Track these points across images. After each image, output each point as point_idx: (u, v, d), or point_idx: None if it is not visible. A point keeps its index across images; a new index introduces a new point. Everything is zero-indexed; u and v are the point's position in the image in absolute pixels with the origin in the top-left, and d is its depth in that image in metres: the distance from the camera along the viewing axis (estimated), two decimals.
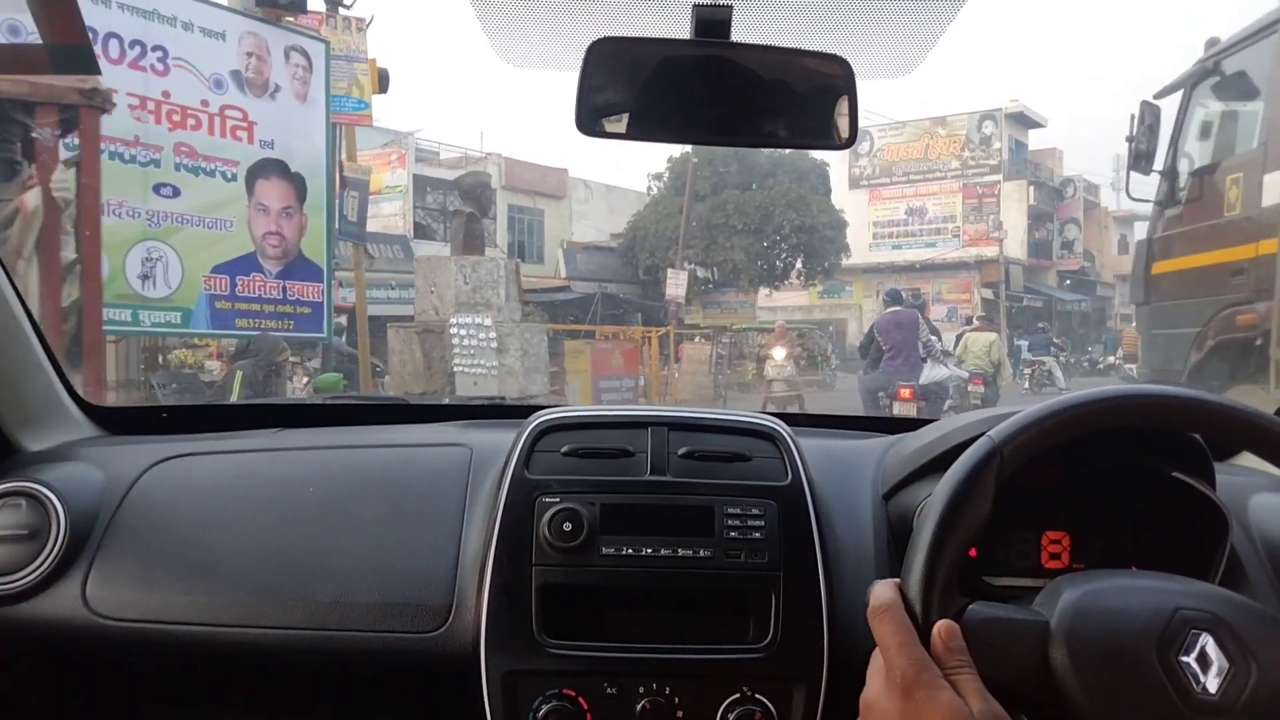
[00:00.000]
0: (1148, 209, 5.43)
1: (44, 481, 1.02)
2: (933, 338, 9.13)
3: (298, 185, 10.33)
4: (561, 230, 25.98)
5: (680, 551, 0.93)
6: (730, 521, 0.94)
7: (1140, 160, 5.27)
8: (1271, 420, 0.67)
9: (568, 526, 0.92)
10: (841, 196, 24.77)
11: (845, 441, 1.15)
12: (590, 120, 0.93)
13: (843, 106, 0.94)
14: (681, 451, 1.00)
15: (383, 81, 11.42)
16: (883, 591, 0.66)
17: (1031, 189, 29.81)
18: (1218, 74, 5.31)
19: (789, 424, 1.07)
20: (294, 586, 0.97)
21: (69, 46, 1.01)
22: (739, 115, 0.97)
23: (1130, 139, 5.22)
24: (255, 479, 1.09)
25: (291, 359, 10.03)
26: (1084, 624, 0.63)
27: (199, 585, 0.97)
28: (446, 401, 2.70)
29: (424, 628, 0.94)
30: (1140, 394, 0.69)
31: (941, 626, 0.63)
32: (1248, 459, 1.08)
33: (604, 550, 0.93)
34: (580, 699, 0.89)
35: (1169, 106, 5.29)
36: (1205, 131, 5.38)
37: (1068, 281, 32.26)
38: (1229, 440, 0.84)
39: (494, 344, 10.05)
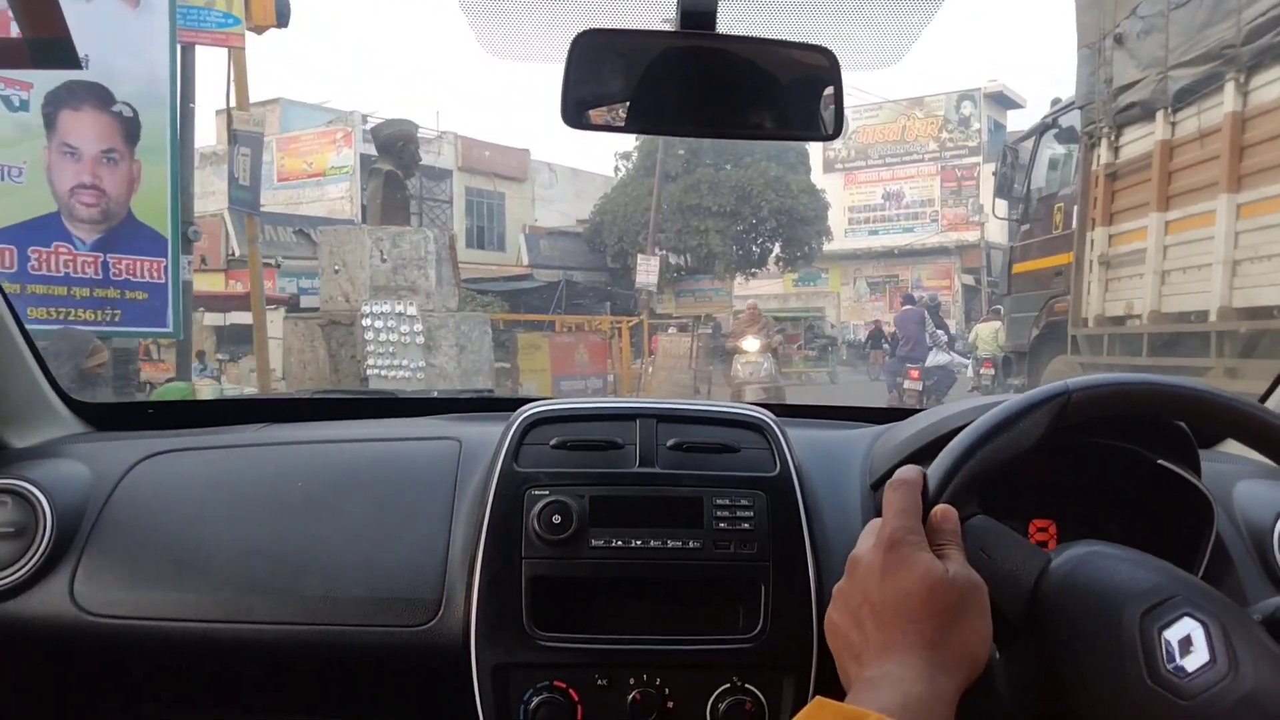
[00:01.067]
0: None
1: (30, 478, 1.01)
2: (939, 331, 10.86)
3: (125, 121, 7.50)
4: (524, 215, 24.51)
5: (670, 543, 0.93)
6: (719, 513, 0.94)
7: (1003, 188, 7.68)
8: (1257, 408, 0.68)
9: (557, 519, 0.92)
10: (816, 180, 23.44)
11: (833, 431, 1.15)
12: (576, 113, 0.93)
13: (829, 98, 0.94)
14: (670, 443, 1.01)
15: (281, 12, 9.05)
16: (907, 470, 0.68)
17: None
18: (1056, 127, 7.57)
19: (777, 415, 1.07)
20: (283, 582, 0.96)
21: (49, 40, 1.00)
22: (725, 107, 0.97)
23: (994, 173, 7.51)
24: (243, 474, 1.09)
25: (102, 361, 5.89)
26: (1084, 572, 0.64)
27: (187, 581, 0.97)
28: (435, 395, 2.52)
29: (414, 621, 0.94)
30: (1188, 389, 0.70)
31: (941, 508, 0.66)
32: (1232, 446, 1.10)
33: (594, 542, 0.93)
34: (571, 691, 0.89)
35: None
36: (1046, 170, 7.60)
37: None
38: (1215, 428, 0.83)
39: (420, 339, 8.21)
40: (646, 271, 20.09)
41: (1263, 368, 4.39)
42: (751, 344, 9.80)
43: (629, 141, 22.18)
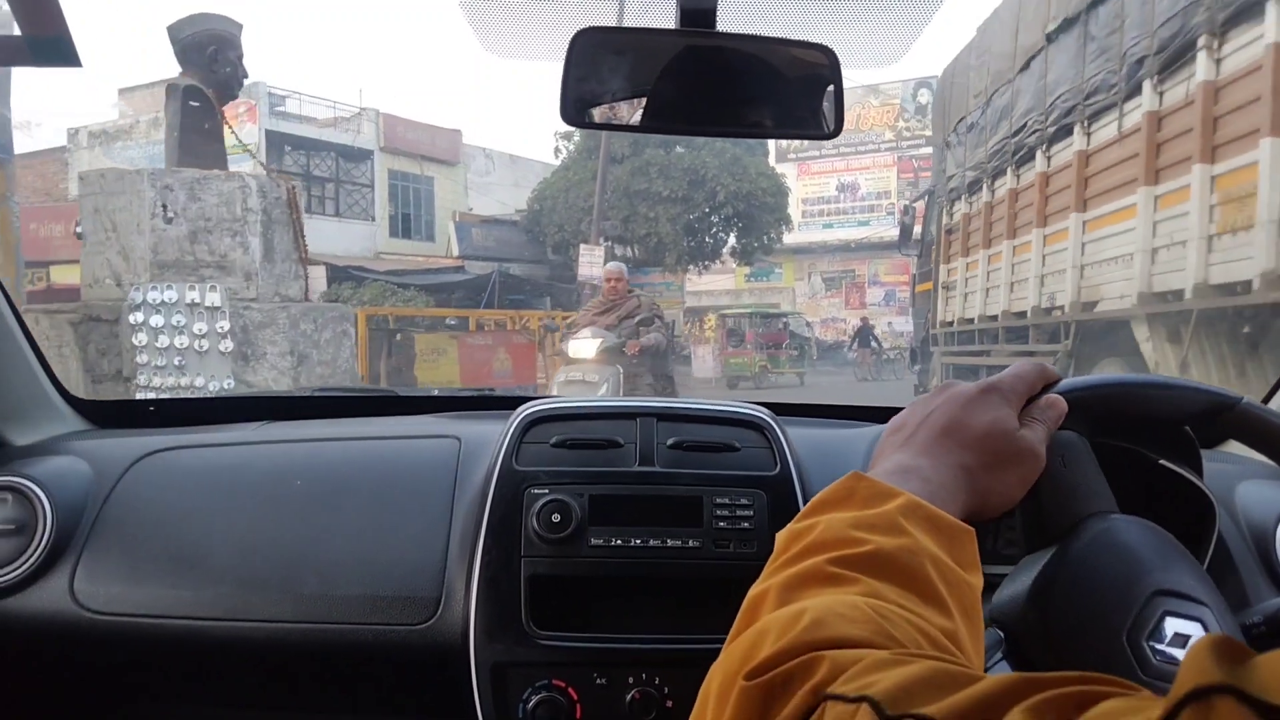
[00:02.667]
0: None
1: (30, 476, 1.02)
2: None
3: None
4: (456, 202, 22.28)
5: (669, 542, 0.93)
6: (719, 512, 0.95)
7: (904, 235, 10.46)
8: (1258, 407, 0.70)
9: (556, 518, 0.92)
10: None
11: (833, 431, 1.16)
12: (575, 111, 0.93)
13: (829, 96, 0.94)
14: (670, 442, 1.01)
15: None
16: (1047, 362, 0.70)
17: None
18: (933, 193, 10.71)
19: (777, 414, 1.08)
20: (282, 579, 0.96)
21: (49, 38, 1.00)
22: (724, 105, 0.96)
23: (898, 224, 11.20)
24: (242, 472, 1.09)
25: None
26: (1138, 533, 0.64)
27: (186, 578, 0.97)
28: (436, 393, 2.48)
29: (413, 620, 0.94)
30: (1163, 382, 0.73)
31: (1053, 397, 0.66)
32: (1234, 446, 1.10)
33: (593, 541, 0.93)
34: (570, 689, 0.90)
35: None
36: (925, 224, 10.43)
37: None
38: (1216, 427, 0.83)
39: (226, 344, 5.42)
40: (590, 263, 18.01)
41: (1022, 352, 7.23)
42: (585, 348, 5.28)
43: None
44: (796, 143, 29.70)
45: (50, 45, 0.98)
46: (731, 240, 20.03)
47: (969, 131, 8.68)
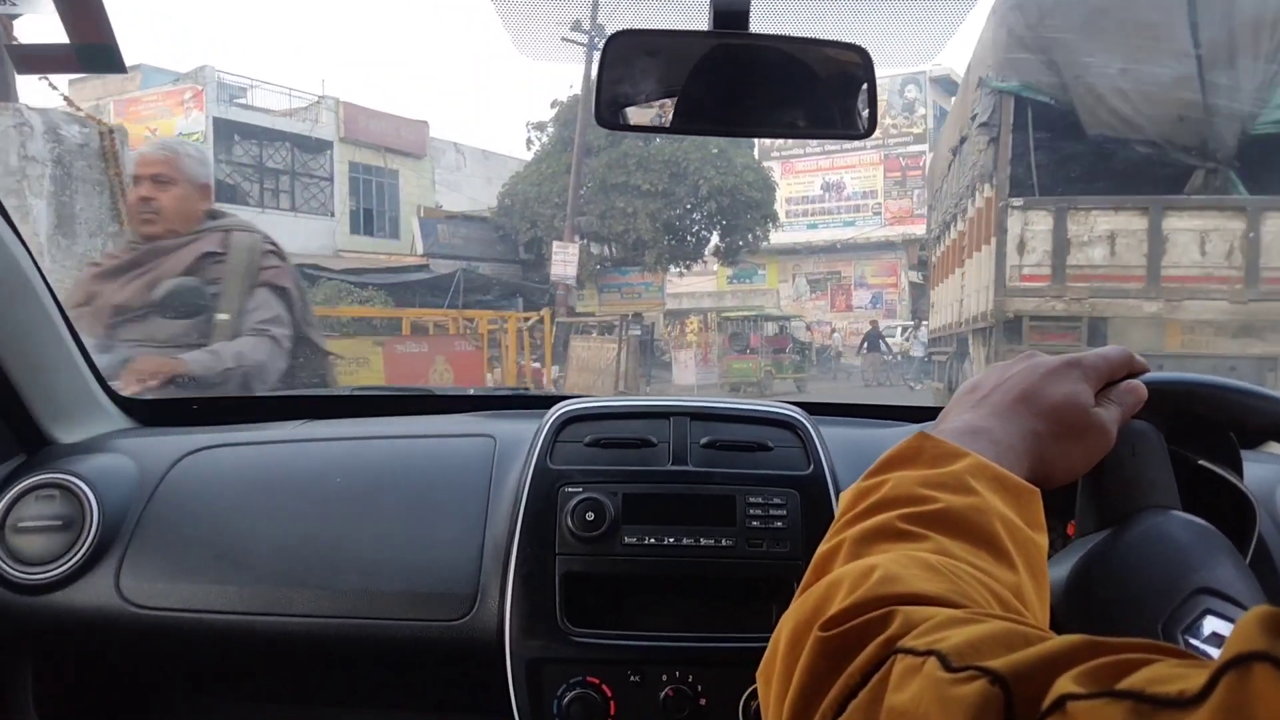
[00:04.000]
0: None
1: (77, 473, 1.04)
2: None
3: None
4: (423, 198, 21.06)
5: (702, 541, 0.93)
6: (752, 511, 0.95)
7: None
8: None
9: (590, 516, 0.92)
10: None
11: (867, 430, 1.15)
12: (610, 113, 0.94)
13: (862, 96, 0.94)
14: (703, 441, 1.01)
15: None
16: (1132, 353, 0.68)
17: None
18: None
19: (810, 413, 1.08)
20: (321, 575, 0.98)
21: (96, 45, 1.02)
22: (758, 106, 0.97)
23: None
24: (283, 470, 1.10)
25: None
26: (1194, 532, 0.64)
27: (229, 574, 0.99)
28: (471, 392, 2.09)
29: (449, 616, 0.95)
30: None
31: (1134, 383, 0.65)
32: (1276, 447, 1.09)
33: (626, 539, 0.93)
34: (604, 686, 0.90)
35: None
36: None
37: None
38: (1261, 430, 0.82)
39: None
40: (564, 261, 16.70)
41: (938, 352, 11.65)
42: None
43: (543, 109, 18.83)
44: (780, 140, 28.75)
45: (97, 53, 1.02)
46: (714, 239, 18.83)
47: (933, 205, 12.73)
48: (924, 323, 15.00)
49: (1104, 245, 6.61)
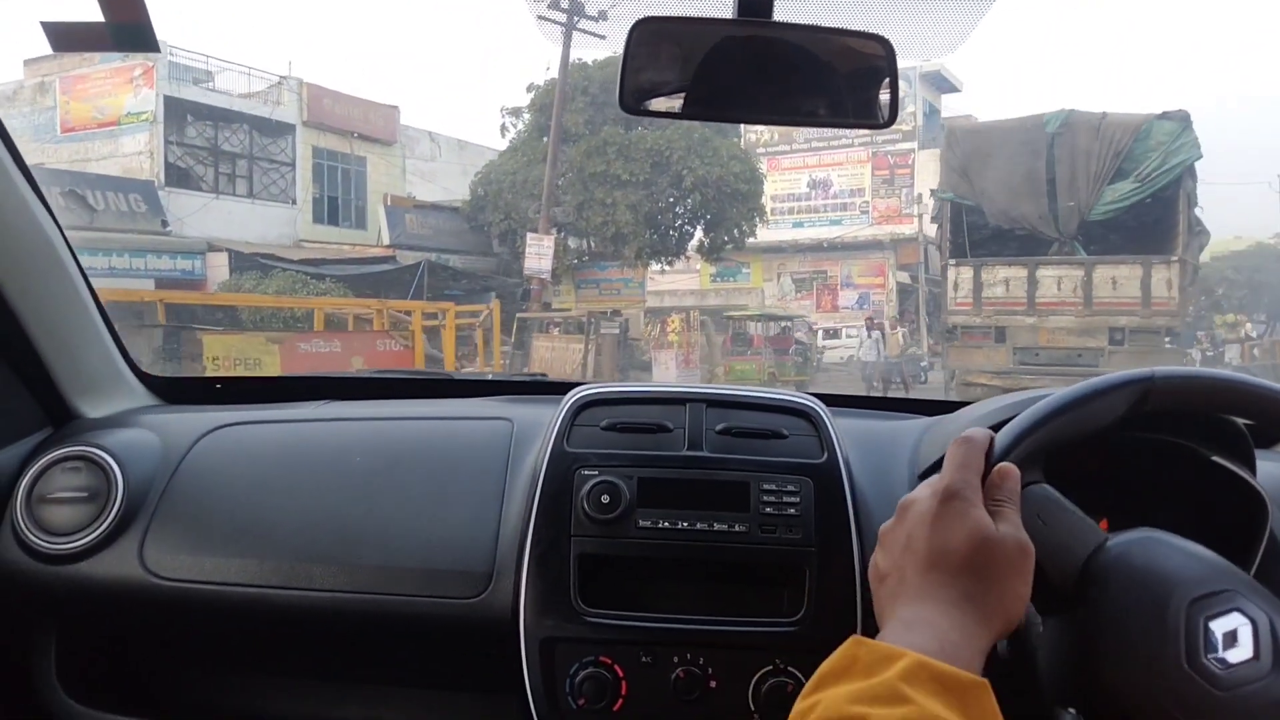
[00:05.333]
0: None
1: (103, 446, 1.06)
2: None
3: None
4: (392, 187, 20.03)
5: (716, 526, 0.94)
6: (766, 497, 0.95)
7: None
8: None
9: (606, 499, 0.93)
10: None
11: (882, 422, 1.15)
12: (634, 100, 0.94)
13: (885, 86, 0.94)
14: (719, 428, 1.01)
15: None
16: (975, 430, 0.68)
17: None
18: None
19: (826, 404, 1.08)
20: (341, 552, 0.99)
21: (130, 24, 1.03)
22: (781, 94, 0.96)
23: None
24: (304, 447, 1.12)
25: None
26: (1139, 554, 0.64)
27: (250, 548, 1.01)
28: (489, 377, 2.56)
29: (465, 594, 0.96)
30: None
31: (1005, 466, 0.65)
32: None
33: (641, 523, 0.94)
34: (616, 666, 0.91)
35: None
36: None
37: None
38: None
39: None
40: (538, 254, 15.68)
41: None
42: None
43: (519, 95, 17.89)
44: (767, 135, 27.89)
45: (131, 31, 1.04)
46: (698, 234, 17.90)
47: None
48: (897, 326, 14.78)
49: (1002, 285, 10.86)
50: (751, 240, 19.39)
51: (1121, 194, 10.19)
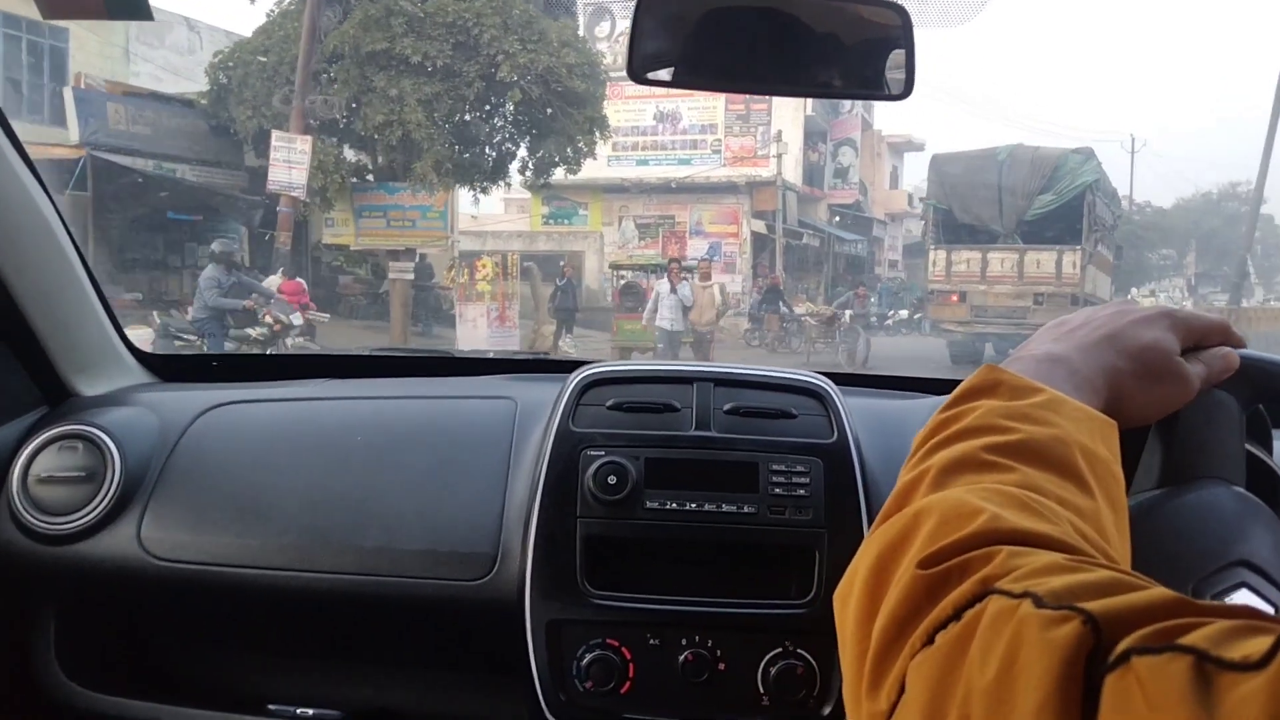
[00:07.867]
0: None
1: (100, 425, 1.05)
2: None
3: None
4: (111, 73, 14.59)
5: (724, 507, 0.94)
6: (775, 478, 0.95)
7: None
8: None
9: (612, 480, 0.93)
10: None
11: (893, 401, 1.16)
12: (642, 67, 0.93)
13: (900, 56, 0.94)
14: (727, 407, 1.01)
15: None
16: (1237, 334, 0.67)
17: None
18: None
19: (836, 384, 1.08)
20: (343, 532, 0.99)
21: None
22: (793, 64, 0.96)
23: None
24: (305, 426, 1.12)
25: None
26: (1226, 500, 0.64)
27: (250, 529, 1.00)
28: (491, 355, 2.37)
29: (469, 575, 0.96)
30: None
31: (1229, 350, 0.64)
32: None
33: (648, 504, 0.94)
34: (624, 649, 0.91)
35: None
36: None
37: (837, 218, 26.74)
38: None
39: None
40: (289, 162, 11.12)
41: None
42: None
43: None
44: (608, 59, 24.06)
45: (126, 0, 1.04)
46: (521, 152, 13.97)
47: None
48: (710, 277, 12.92)
49: (965, 264, 14.64)
50: (592, 166, 15.65)
51: (1045, 203, 14.18)
